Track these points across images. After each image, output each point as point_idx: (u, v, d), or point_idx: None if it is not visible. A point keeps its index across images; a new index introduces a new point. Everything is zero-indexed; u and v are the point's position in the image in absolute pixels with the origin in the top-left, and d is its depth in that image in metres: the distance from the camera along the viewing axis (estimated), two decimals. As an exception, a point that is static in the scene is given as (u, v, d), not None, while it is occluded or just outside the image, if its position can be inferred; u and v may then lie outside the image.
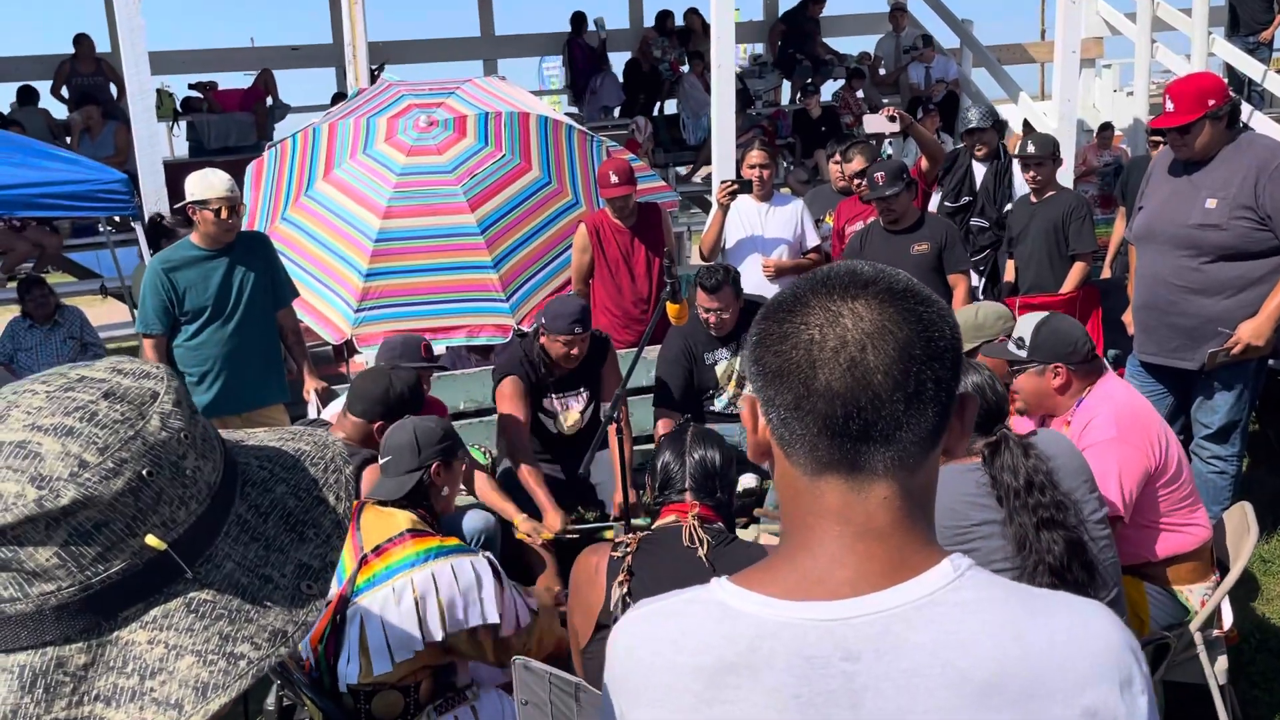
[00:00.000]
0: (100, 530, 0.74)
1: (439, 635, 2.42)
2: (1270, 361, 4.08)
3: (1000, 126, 6.44)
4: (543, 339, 3.90)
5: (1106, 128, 10.45)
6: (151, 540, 0.75)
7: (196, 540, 0.78)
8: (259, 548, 0.82)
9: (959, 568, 0.88)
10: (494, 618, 2.45)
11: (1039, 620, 0.85)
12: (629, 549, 2.29)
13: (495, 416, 4.64)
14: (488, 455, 4.46)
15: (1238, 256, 3.71)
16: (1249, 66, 9.20)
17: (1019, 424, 3.17)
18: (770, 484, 4.53)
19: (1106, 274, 6.28)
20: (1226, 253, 3.72)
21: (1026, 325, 3.03)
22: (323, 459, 0.91)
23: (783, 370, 0.88)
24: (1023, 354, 2.99)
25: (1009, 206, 5.82)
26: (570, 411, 4.08)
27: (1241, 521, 2.97)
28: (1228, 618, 2.90)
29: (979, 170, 5.89)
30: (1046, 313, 3.09)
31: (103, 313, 8.14)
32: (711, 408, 4.30)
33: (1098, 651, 0.85)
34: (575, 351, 3.86)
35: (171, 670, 0.75)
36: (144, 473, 0.75)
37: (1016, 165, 5.97)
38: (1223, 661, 2.91)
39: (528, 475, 3.67)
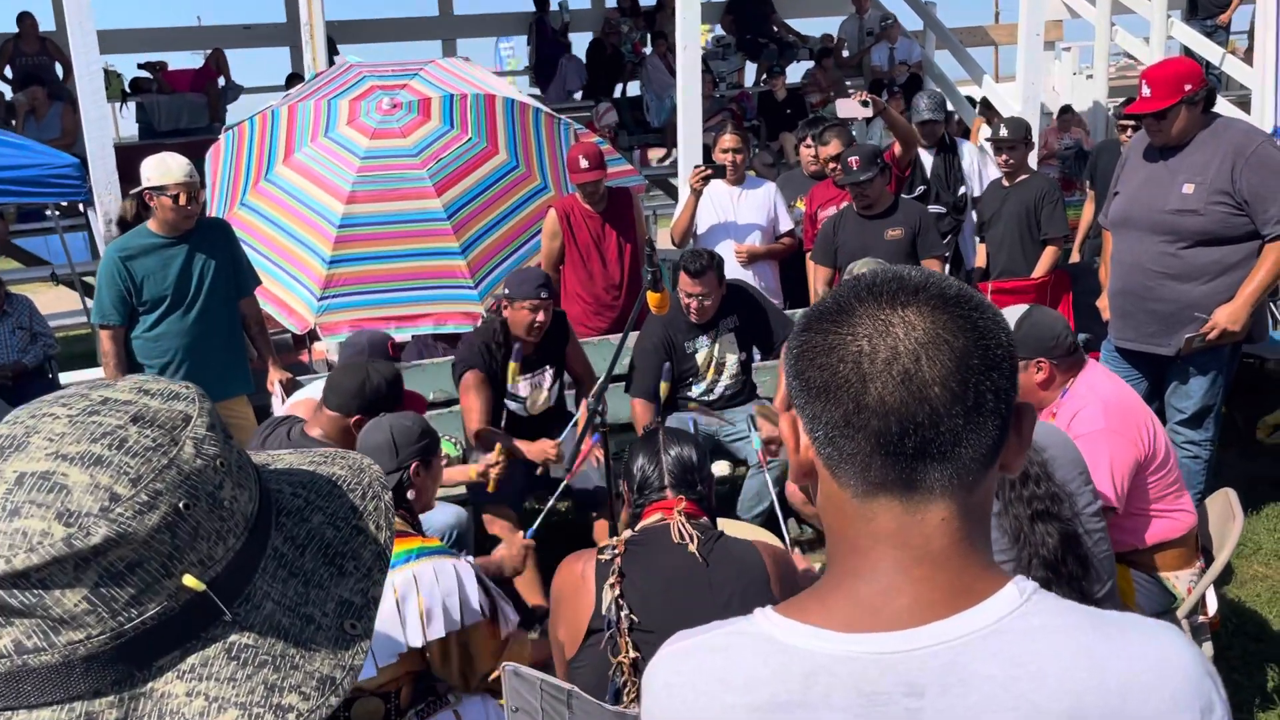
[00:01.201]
0: (134, 571, 0.66)
1: (418, 639, 2.35)
2: (1244, 347, 4.11)
3: (948, 115, 6.47)
4: (506, 311, 3.84)
5: (1067, 110, 10.51)
6: (189, 580, 0.67)
7: (234, 578, 0.71)
8: (298, 584, 0.75)
9: (1024, 592, 0.82)
10: (474, 618, 2.38)
11: (1115, 647, 0.80)
12: (616, 551, 2.24)
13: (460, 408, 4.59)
14: (459, 446, 4.37)
15: (1215, 242, 3.71)
16: (1207, 49, 9.28)
17: None
18: (742, 470, 4.50)
19: (1075, 258, 6.31)
20: (1204, 238, 3.72)
21: (1007, 319, 2.97)
22: (359, 484, 0.83)
23: (830, 385, 0.82)
24: None
25: (962, 189, 5.83)
26: (539, 391, 4.01)
27: (1226, 507, 2.97)
28: (1212, 605, 2.91)
29: (927, 159, 5.89)
30: (1026, 306, 3.03)
31: (50, 300, 7.90)
32: (689, 394, 4.24)
33: (1179, 680, 0.80)
34: (541, 318, 3.80)
35: None
36: (180, 506, 0.67)
37: (964, 148, 5.98)
38: (1208, 647, 2.92)
39: (499, 438, 3.69)
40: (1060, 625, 0.81)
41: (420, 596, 2.35)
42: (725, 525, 3.33)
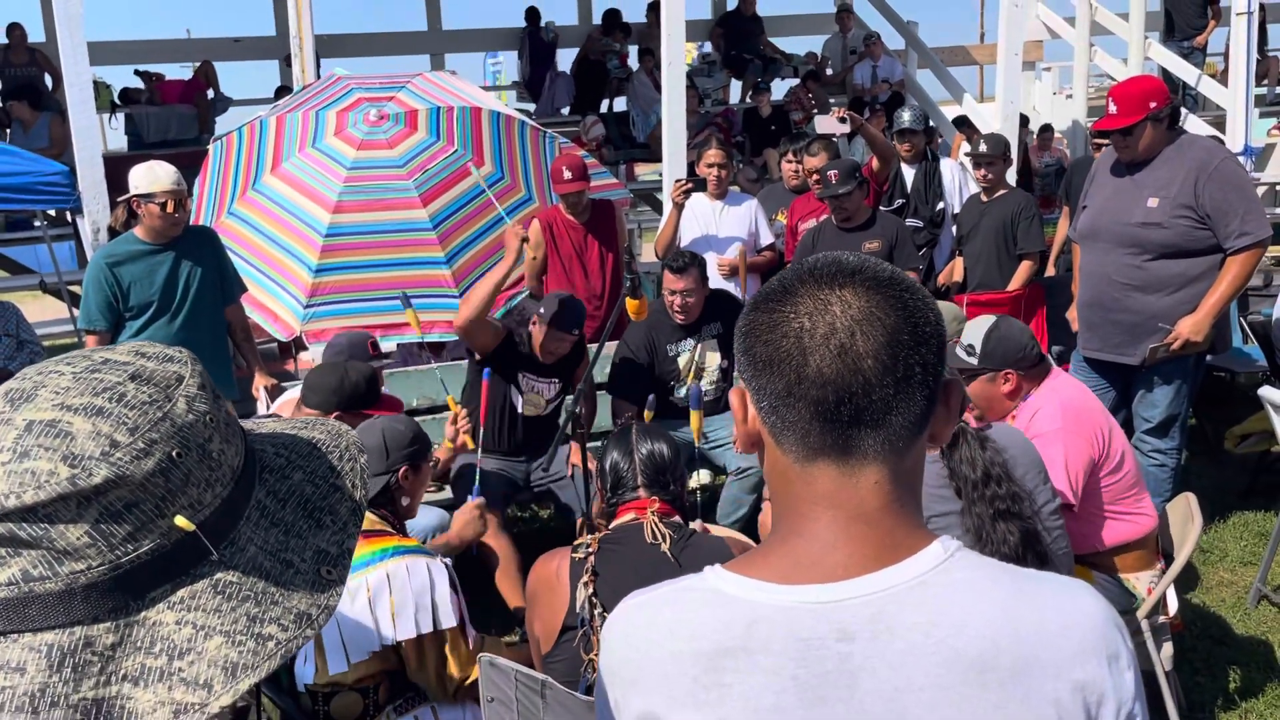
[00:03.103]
0: (130, 510, 0.74)
1: (390, 637, 2.38)
2: (1208, 357, 4.21)
3: (930, 130, 6.58)
4: (533, 326, 3.90)
5: (1047, 129, 10.67)
6: (180, 521, 0.75)
7: (221, 523, 0.79)
8: (279, 533, 0.83)
9: (949, 549, 0.90)
10: (447, 622, 2.41)
11: (1028, 599, 0.88)
12: (590, 550, 2.27)
13: (448, 414, 4.64)
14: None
15: (1178, 254, 3.82)
16: (1184, 70, 9.46)
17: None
18: (721, 479, 4.56)
19: (1050, 272, 6.42)
20: (1168, 251, 3.82)
21: (975, 331, 3.02)
22: (337, 447, 0.91)
23: (773, 358, 0.89)
24: (973, 361, 2.99)
25: (940, 205, 5.94)
26: (539, 395, 4.08)
27: (1185, 511, 3.06)
28: (1173, 605, 2.99)
29: (908, 173, 6.00)
30: (994, 318, 3.10)
31: (35, 310, 7.91)
32: (672, 399, 4.31)
33: (1086, 628, 0.87)
34: (563, 350, 3.88)
35: (200, 650, 0.75)
36: (173, 454, 0.75)
37: (945, 165, 6.11)
38: (1168, 648, 3.00)
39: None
40: (980, 579, 0.88)
41: (392, 596, 2.38)
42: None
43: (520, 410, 4.06)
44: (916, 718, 0.84)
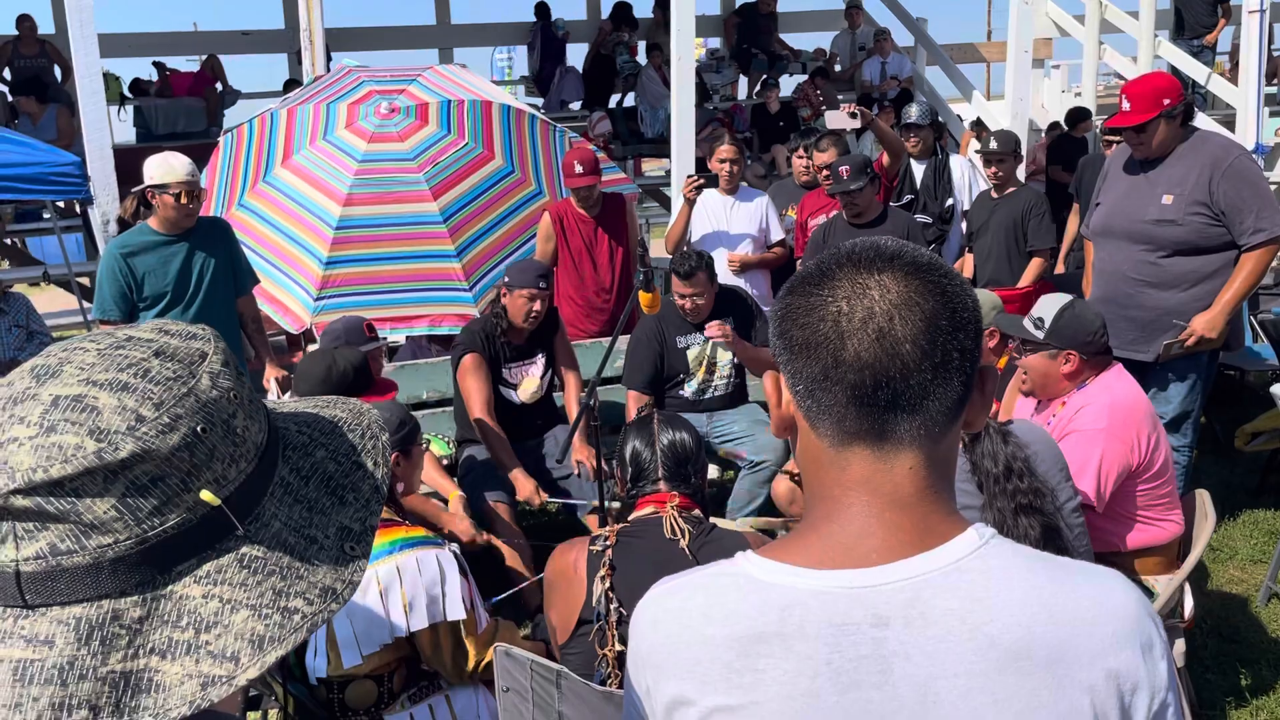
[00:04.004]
0: (157, 484, 0.74)
1: (403, 630, 2.38)
2: (1224, 358, 4.20)
3: (938, 126, 6.56)
4: (505, 299, 3.93)
5: (1055, 127, 10.64)
6: (206, 495, 0.75)
7: (246, 498, 0.79)
8: (302, 509, 0.83)
9: (983, 536, 0.90)
10: (458, 614, 2.40)
11: (1063, 587, 0.88)
12: (608, 543, 2.25)
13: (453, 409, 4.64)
14: (450, 445, 4.43)
15: (1193, 251, 3.81)
16: (1193, 69, 9.43)
17: (1022, 406, 3.20)
18: (730, 475, 4.56)
19: (1060, 269, 6.41)
20: (1182, 248, 3.81)
21: (1049, 306, 2.99)
22: (359, 425, 0.91)
23: (810, 342, 0.89)
24: (1039, 334, 2.96)
25: (949, 201, 5.93)
26: (529, 378, 4.09)
27: (1200, 509, 3.05)
28: (1189, 606, 2.97)
29: (918, 169, 5.99)
30: (1069, 296, 3.06)
31: (44, 300, 7.94)
32: (681, 393, 4.31)
33: (1121, 617, 0.87)
34: (538, 307, 3.90)
35: (227, 624, 0.75)
36: (198, 429, 0.75)
37: (955, 161, 6.09)
38: (1180, 645, 2.99)
39: (495, 444, 3.73)
40: (1015, 566, 0.88)
41: (403, 588, 2.38)
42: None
43: (519, 401, 4.08)
44: (951, 704, 0.84)
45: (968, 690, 0.84)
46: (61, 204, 7.29)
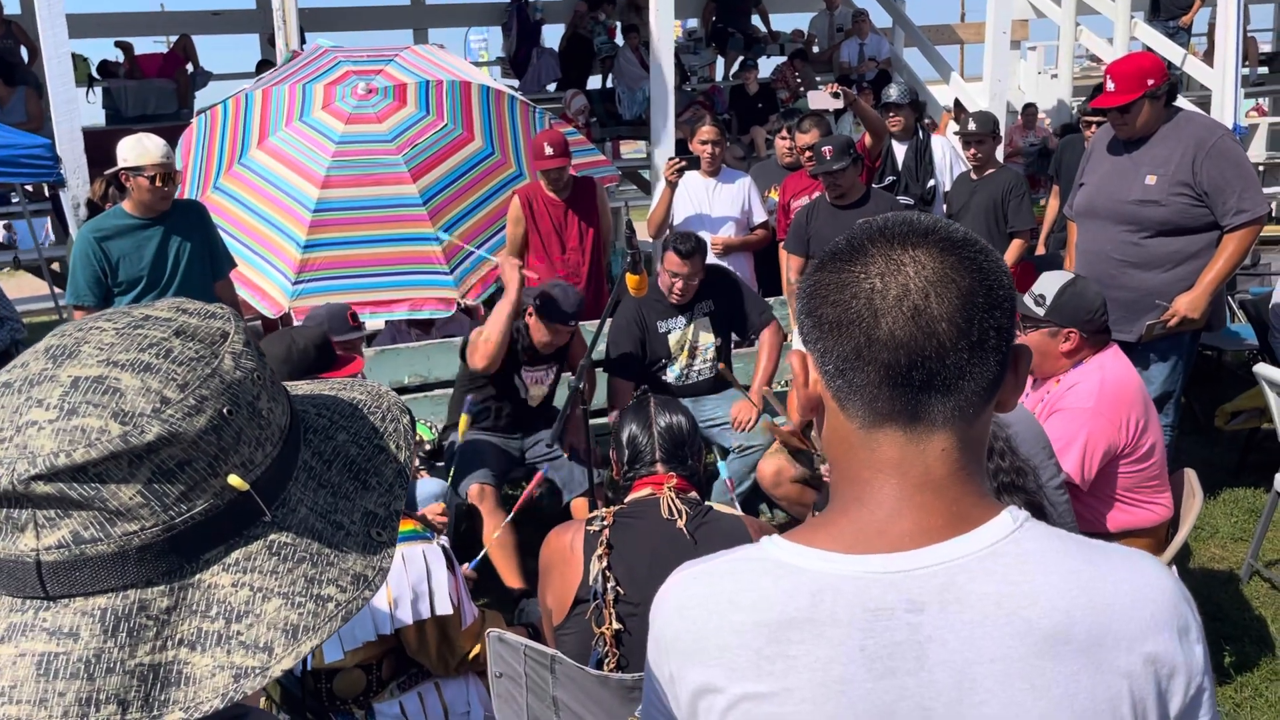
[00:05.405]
0: (183, 469, 0.71)
1: (387, 627, 2.36)
2: (1204, 338, 4.22)
3: (918, 106, 6.55)
4: (529, 318, 3.84)
5: (1031, 108, 10.69)
6: (234, 480, 0.72)
7: (272, 483, 0.76)
8: (327, 494, 0.80)
9: (1017, 519, 0.88)
10: (444, 609, 2.38)
11: (1100, 571, 0.86)
12: (605, 523, 2.25)
13: (438, 392, 4.60)
14: (433, 430, 4.39)
15: (1176, 232, 3.82)
16: (1169, 50, 9.48)
17: None
18: (711, 458, 4.55)
19: (1040, 250, 6.43)
20: (1165, 228, 3.82)
21: (1050, 283, 2.95)
22: (379, 408, 0.88)
23: (842, 320, 0.87)
24: (1040, 311, 2.93)
25: (931, 182, 5.93)
26: (539, 386, 4.06)
27: (1187, 488, 3.06)
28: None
29: (899, 150, 5.98)
30: (1071, 273, 3.03)
31: (12, 286, 7.80)
32: (664, 379, 4.29)
33: (1159, 602, 0.86)
34: (559, 341, 3.85)
35: (259, 613, 0.72)
36: (224, 411, 0.72)
37: (936, 142, 6.09)
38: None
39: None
40: (1050, 549, 0.87)
41: (389, 585, 2.35)
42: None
43: (527, 400, 4.05)
44: (988, 690, 0.83)
45: (1005, 675, 0.83)
46: (30, 187, 7.15)
